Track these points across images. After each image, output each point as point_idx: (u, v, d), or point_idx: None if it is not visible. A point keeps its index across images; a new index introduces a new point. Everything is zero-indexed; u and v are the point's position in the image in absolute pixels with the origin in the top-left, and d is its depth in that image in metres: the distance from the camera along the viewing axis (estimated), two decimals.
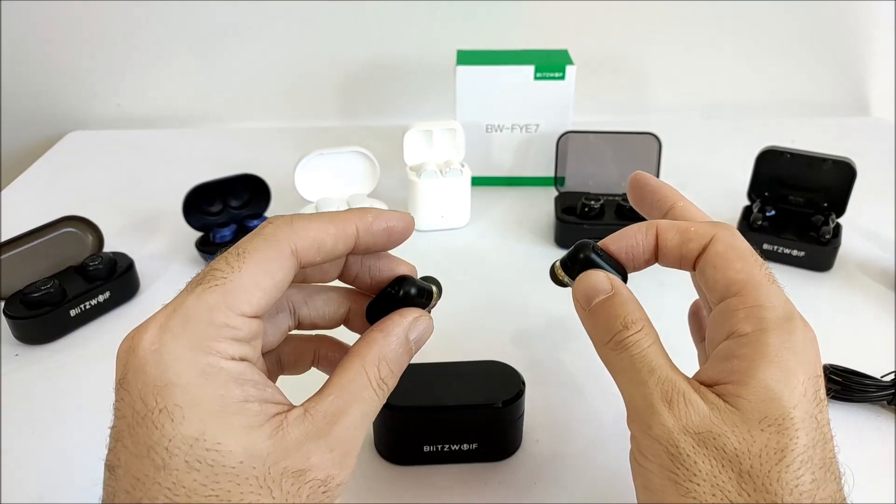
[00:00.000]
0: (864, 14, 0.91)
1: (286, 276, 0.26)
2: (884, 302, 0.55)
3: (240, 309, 0.24)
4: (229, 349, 0.24)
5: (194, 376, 0.23)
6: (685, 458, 0.25)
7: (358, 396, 0.26)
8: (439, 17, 0.89)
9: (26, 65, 0.89)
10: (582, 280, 0.30)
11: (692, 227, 0.30)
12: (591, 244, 0.32)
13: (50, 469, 0.41)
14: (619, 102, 0.96)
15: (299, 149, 0.68)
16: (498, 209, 0.71)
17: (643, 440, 0.26)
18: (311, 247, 0.26)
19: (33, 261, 0.54)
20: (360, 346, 0.28)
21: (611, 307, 0.29)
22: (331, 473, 0.24)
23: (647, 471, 0.26)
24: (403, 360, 0.29)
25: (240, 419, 0.23)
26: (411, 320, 0.29)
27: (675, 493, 0.25)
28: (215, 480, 0.22)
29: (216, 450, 0.22)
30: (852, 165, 0.59)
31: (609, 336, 0.29)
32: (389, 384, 0.28)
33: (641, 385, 0.27)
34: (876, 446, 0.42)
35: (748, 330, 0.27)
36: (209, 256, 0.60)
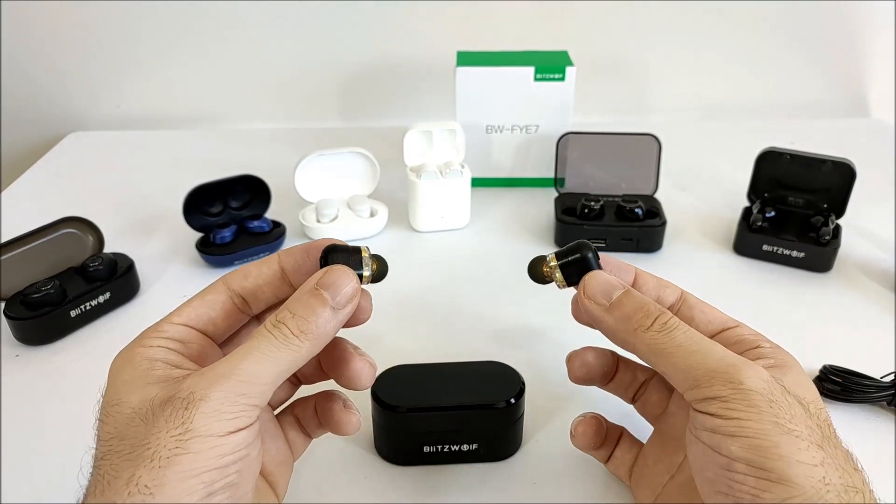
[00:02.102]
0: (864, 15, 0.92)
1: (217, 296, 0.32)
2: (883, 302, 0.55)
3: (168, 320, 0.31)
4: (150, 342, 0.29)
5: (120, 363, 0.29)
6: (783, 403, 0.27)
7: (250, 339, 0.28)
8: (439, 18, 0.89)
9: (26, 65, 0.89)
10: (594, 278, 0.32)
11: (663, 281, 0.34)
12: (591, 245, 0.33)
13: (50, 469, 0.41)
14: (619, 103, 0.96)
15: (299, 149, 0.68)
16: (498, 210, 0.71)
17: (735, 396, 0.27)
18: (238, 274, 0.33)
19: (34, 261, 0.54)
20: None
21: (635, 297, 0.31)
22: (193, 391, 0.26)
23: (745, 424, 0.26)
24: (309, 304, 0.29)
25: (142, 381, 0.28)
26: (320, 273, 0.30)
27: (780, 434, 0.26)
28: (115, 426, 0.26)
29: (118, 403, 0.27)
30: (852, 166, 0.59)
31: (650, 320, 0.30)
32: (291, 325, 0.28)
33: (710, 352, 0.29)
34: (876, 447, 0.42)
35: (767, 346, 0.31)
36: (209, 257, 0.60)
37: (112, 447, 0.26)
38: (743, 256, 0.62)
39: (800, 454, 0.25)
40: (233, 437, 0.26)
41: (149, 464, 0.24)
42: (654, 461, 0.35)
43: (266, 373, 0.27)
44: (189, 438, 0.25)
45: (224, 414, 0.26)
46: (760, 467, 0.25)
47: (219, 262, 0.60)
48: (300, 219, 0.65)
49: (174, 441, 0.25)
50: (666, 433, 0.35)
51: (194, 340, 0.31)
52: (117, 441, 0.26)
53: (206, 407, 0.25)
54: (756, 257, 0.61)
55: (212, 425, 0.25)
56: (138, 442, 0.25)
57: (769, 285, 0.58)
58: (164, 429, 0.25)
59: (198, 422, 0.25)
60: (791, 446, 0.25)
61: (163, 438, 0.25)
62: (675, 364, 0.29)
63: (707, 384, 0.27)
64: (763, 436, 0.26)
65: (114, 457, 0.26)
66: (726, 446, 0.26)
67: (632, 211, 0.62)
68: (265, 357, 0.27)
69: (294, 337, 0.28)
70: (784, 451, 0.25)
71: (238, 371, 0.27)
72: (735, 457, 0.26)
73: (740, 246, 0.62)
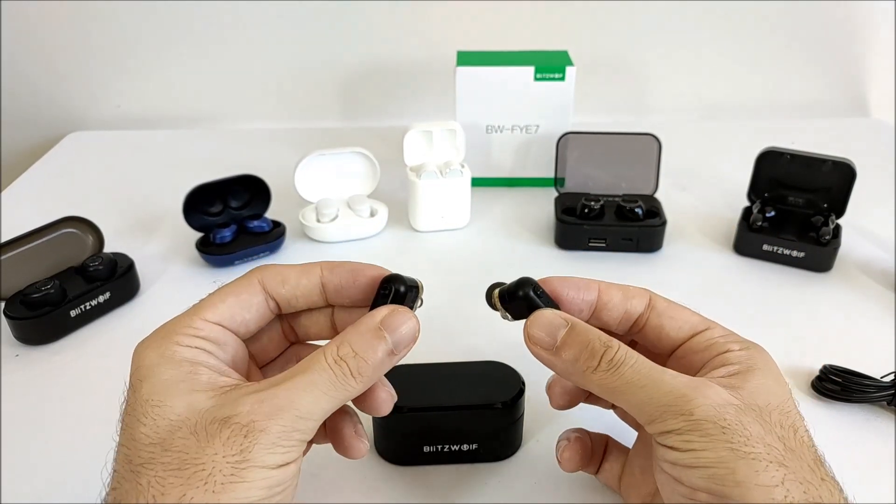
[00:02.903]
0: (864, 15, 0.91)
1: (253, 297, 0.32)
2: (883, 302, 0.55)
3: (203, 316, 0.30)
4: (187, 341, 0.29)
5: (155, 358, 0.28)
6: (736, 426, 0.26)
7: (309, 368, 0.28)
8: (439, 18, 0.89)
9: (26, 65, 0.89)
10: (535, 321, 0.32)
11: (630, 288, 0.34)
12: (532, 282, 0.33)
13: (50, 469, 0.41)
14: (618, 103, 0.96)
15: (299, 149, 0.68)
16: (498, 210, 0.71)
17: (687, 428, 0.27)
18: (276, 278, 0.32)
19: (33, 261, 0.54)
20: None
21: (578, 336, 0.30)
22: (254, 419, 0.26)
23: (700, 454, 0.26)
24: (371, 346, 0.29)
25: (186, 385, 0.27)
26: (385, 312, 0.30)
27: (736, 459, 0.26)
28: (156, 431, 0.26)
29: (159, 405, 0.27)
30: (852, 166, 0.59)
31: (596, 360, 0.29)
32: (351, 364, 0.28)
33: (659, 385, 0.28)
34: (876, 447, 0.42)
35: (737, 348, 0.31)
36: (209, 257, 0.60)
37: (155, 456, 0.26)
38: (743, 256, 0.62)
39: (757, 477, 0.25)
40: (283, 469, 0.26)
41: (202, 486, 0.25)
42: (640, 470, 0.34)
43: (321, 410, 0.28)
44: (245, 468, 0.25)
45: (279, 447, 0.26)
46: (720, 495, 0.25)
47: (219, 261, 0.60)
48: (300, 219, 0.65)
49: (230, 468, 0.25)
50: (649, 439, 0.34)
51: (229, 342, 0.31)
52: (161, 451, 0.26)
53: (265, 439, 0.26)
54: (756, 257, 0.61)
55: (267, 458, 0.26)
56: (190, 459, 0.25)
57: (769, 285, 0.58)
58: (220, 452, 0.25)
59: (256, 452, 0.25)
60: (748, 470, 0.25)
61: (219, 462, 0.25)
62: (629, 401, 0.29)
63: (660, 419, 0.28)
64: (719, 464, 0.26)
65: (158, 468, 0.25)
66: (687, 477, 0.27)
67: (632, 211, 0.62)
68: (323, 395, 0.28)
69: (351, 377, 0.28)
70: (741, 476, 0.25)
71: (297, 406, 0.27)
72: (696, 487, 0.26)
73: (740, 246, 0.62)
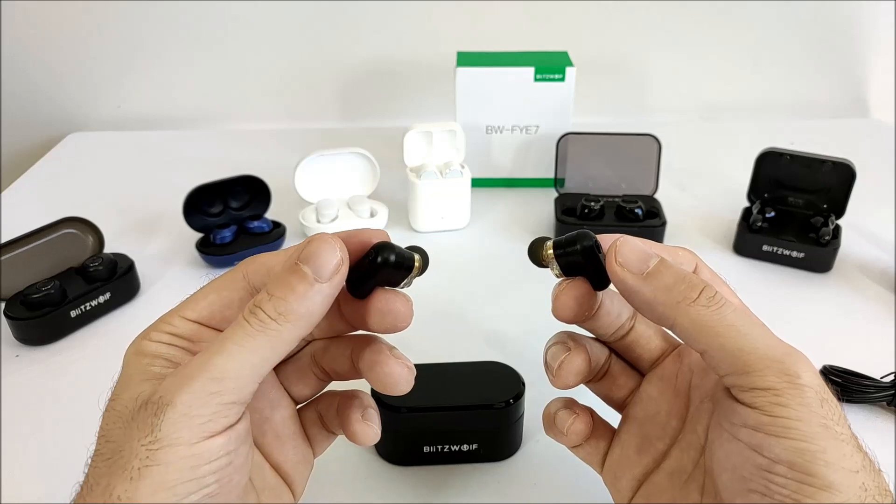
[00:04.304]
0: (864, 15, 0.92)
1: (235, 293, 0.29)
2: (883, 303, 0.55)
3: (181, 313, 0.29)
4: (157, 336, 0.28)
5: (129, 356, 0.28)
6: (832, 402, 0.25)
7: (226, 329, 0.26)
8: (439, 18, 0.89)
9: (26, 65, 0.89)
10: (627, 244, 0.28)
11: (679, 251, 0.31)
12: (593, 236, 0.30)
13: (50, 469, 0.41)
14: (618, 104, 0.96)
15: (299, 150, 0.68)
16: (498, 210, 0.71)
17: (788, 390, 0.24)
18: (260, 269, 0.29)
19: (34, 262, 0.54)
20: None
21: (674, 266, 0.28)
22: (163, 394, 0.24)
23: (792, 424, 0.24)
24: (288, 279, 0.26)
25: (140, 376, 0.26)
26: (302, 246, 0.27)
27: (828, 438, 0.24)
28: (107, 423, 0.25)
29: (115, 399, 0.26)
30: (852, 167, 0.59)
31: (695, 292, 0.27)
32: (268, 308, 0.25)
33: (765, 337, 0.26)
34: (876, 447, 0.41)
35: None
36: (209, 258, 0.60)
37: (98, 447, 0.25)
38: (743, 256, 0.62)
39: (844, 460, 0.24)
40: (208, 443, 0.24)
41: (122, 474, 0.23)
42: (635, 450, 0.32)
43: (242, 366, 0.25)
44: (158, 448, 0.23)
45: (195, 418, 0.24)
46: (805, 472, 0.24)
47: (219, 262, 0.60)
48: (300, 219, 0.65)
49: (144, 451, 0.23)
50: (644, 419, 0.32)
51: (205, 338, 0.29)
52: (103, 441, 0.25)
53: (173, 412, 0.23)
54: (756, 257, 0.61)
55: (181, 433, 0.23)
56: (116, 447, 0.24)
57: (769, 285, 0.58)
58: (136, 437, 0.24)
59: (166, 429, 0.23)
60: (837, 452, 0.24)
61: (135, 447, 0.23)
62: (723, 345, 0.26)
63: (759, 372, 0.25)
64: (811, 439, 0.24)
65: (98, 459, 0.25)
66: (769, 446, 0.24)
67: (632, 211, 0.62)
68: (239, 348, 0.25)
69: (272, 321, 0.25)
70: (830, 456, 0.24)
71: (208, 368, 0.24)
72: (778, 458, 0.24)
73: (740, 246, 0.62)
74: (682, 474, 0.30)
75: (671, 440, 0.31)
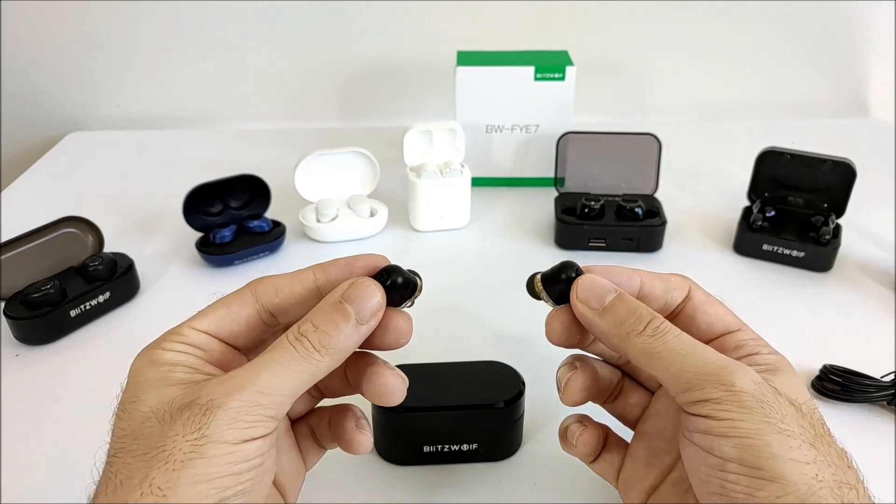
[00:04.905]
0: (864, 15, 0.92)
1: (243, 309, 0.31)
2: (883, 302, 0.55)
3: (190, 325, 0.31)
4: (170, 346, 0.30)
5: (141, 364, 0.29)
6: (774, 403, 0.27)
7: (271, 349, 0.28)
8: (439, 17, 0.89)
9: (26, 65, 0.89)
10: (585, 281, 0.32)
11: (671, 278, 0.34)
12: (575, 265, 0.33)
13: (50, 469, 0.41)
14: (619, 103, 0.96)
15: (299, 149, 0.68)
16: (498, 210, 0.71)
17: (727, 398, 0.27)
18: (269, 289, 0.32)
19: (33, 261, 0.54)
20: None
21: (627, 301, 0.31)
22: (212, 398, 0.26)
23: (737, 424, 0.26)
24: (331, 318, 0.29)
25: (161, 381, 0.28)
26: (346, 286, 0.30)
27: (772, 433, 0.26)
28: (130, 423, 0.27)
29: (134, 401, 0.28)
30: (852, 166, 0.59)
31: (643, 325, 0.30)
32: (312, 339, 0.28)
33: (702, 355, 0.28)
34: (876, 446, 0.42)
35: (766, 352, 0.31)
36: (209, 257, 0.60)
37: (125, 445, 0.26)
38: (743, 256, 0.62)
39: (792, 452, 0.25)
40: (247, 445, 0.26)
41: (163, 465, 0.25)
42: (644, 464, 0.34)
43: (285, 385, 0.28)
44: (204, 444, 0.25)
45: (240, 423, 0.26)
46: (753, 466, 0.25)
47: (219, 261, 0.60)
48: (300, 219, 0.65)
49: (189, 445, 0.25)
50: (652, 434, 0.34)
51: (216, 349, 0.31)
52: (131, 440, 0.26)
53: (222, 415, 0.26)
54: (756, 257, 0.61)
55: (227, 433, 0.26)
56: (154, 443, 0.25)
57: (769, 285, 0.58)
58: (180, 432, 0.25)
59: (214, 428, 0.25)
60: (783, 445, 0.25)
61: (179, 442, 0.25)
62: (667, 367, 0.29)
63: (699, 387, 0.28)
64: (755, 435, 0.26)
65: (126, 455, 0.26)
66: (718, 447, 0.26)
67: (632, 211, 0.62)
68: (285, 370, 0.28)
69: (315, 351, 0.28)
70: (776, 449, 0.25)
71: (257, 382, 0.27)
72: (727, 457, 0.26)
73: (740, 246, 0.62)
74: (684, 483, 0.31)
75: (677, 453, 0.32)
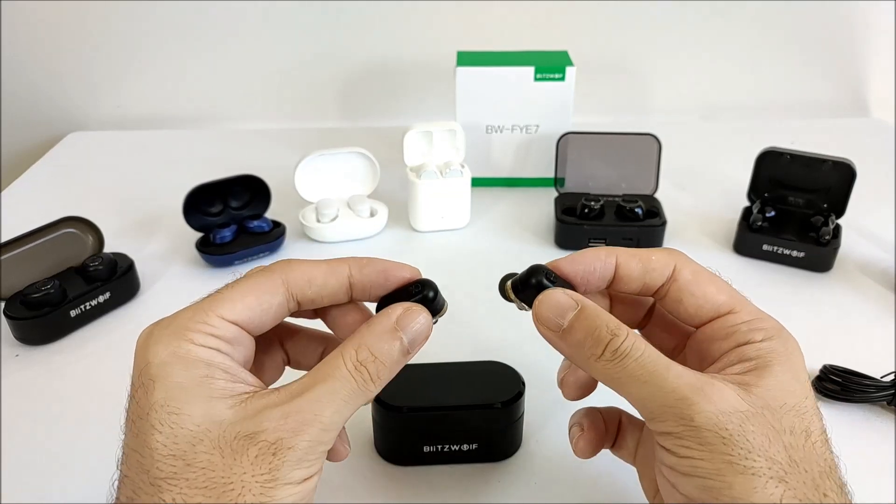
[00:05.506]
0: (864, 15, 0.92)
1: (274, 298, 0.30)
2: (883, 302, 0.55)
3: (219, 313, 0.28)
4: (202, 339, 0.27)
5: (167, 356, 0.27)
6: (738, 437, 0.25)
7: (329, 376, 0.27)
8: (439, 18, 0.89)
9: (26, 65, 0.89)
10: (543, 302, 0.30)
11: (653, 256, 0.31)
12: (543, 269, 0.31)
13: (50, 469, 0.41)
14: (619, 103, 0.96)
15: (299, 149, 0.68)
16: (498, 210, 0.71)
17: (686, 433, 0.26)
18: (302, 279, 0.30)
19: (33, 261, 0.54)
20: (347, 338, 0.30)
21: (586, 320, 0.29)
22: (281, 437, 0.26)
23: (697, 464, 0.26)
24: (389, 348, 0.28)
25: (202, 391, 0.26)
26: (400, 311, 0.29)
27: (734, 474, 0.25)
28: (174, 441, 0.25)
29: (177, 413, 0.26)
30: (852, 166, 0.59)
31: (600, 349, 0.28)
32: (371, 369, 0.28)
33: (662, 383, 0.27)
34: (876, 446, 0.42)
35: (759, 339, 0.29)
36: (209, 257, 0.60)
37: (178, 471, 0.25)
38: (743, 256, 0.62)
39: (755, 494, 0.25)
40: (307, 483, 0.27)
41: None
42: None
43: (343, 419, 0.28)
44: (274, 486, 0.25)
45: (304, 462, 0.26)
46: None
47: (219, 261, 0.60)
48: (300, 219, 0.65)
49: (259, 486, 0.25)
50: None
51: (244, 342, 0.29)
52: (183, 465, 0.25)
53: (293, 456, 0.26)
54: (756, 257, 0.61)
55: (295, 474, 0.26)
56: (217, 477, 0.25)
57: (769, 285, 0.58)
58: (249, 471, 0.25)
59: (284, 470, 0.26)
60: (745, 486, 0.25)
61: (248, 482, 0.25)
62: (630, 393, 0.28)
63: (660, 419, 0.27)
64: (716, 476, 0.25)
65: (183, 485, 0.25)
66: (682, 484, 0.26)
67: (632, 211, 0.62)
68: (345, 404, 0.27)
69: (371, 382, 0.28)
70: (737, 492, 0.25)
71: (321, 419, 0.27)
72: (690, 496, 0.26)
73: (740, 246, 0.62)
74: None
75: None
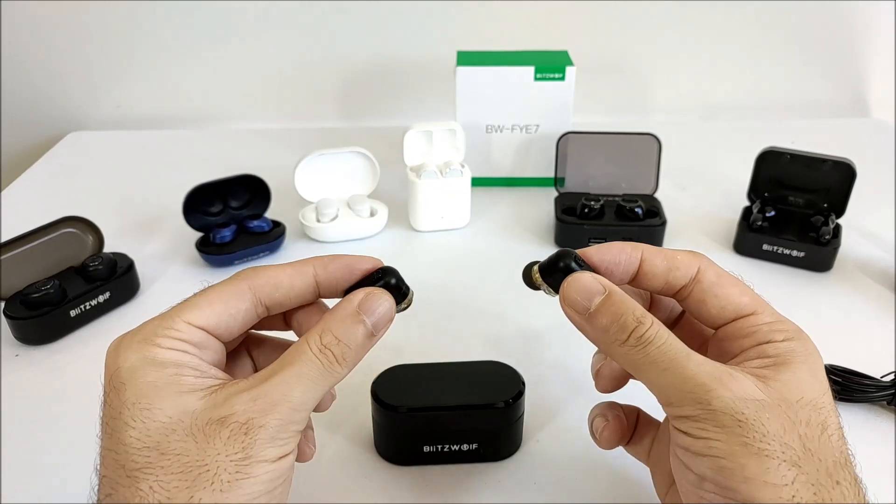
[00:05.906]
0: (864, 15, 0.92)
1: (241, 304, 0.31)
2: (883, 302, 0.55)
3: (186, 318, 0.29)
4: (169, 343, 0.28)
5: (137, 360, 0.28)
6: (754, 422, 0.26)
7: (296, 360, 0.28)
8: (439, 17, 0.89)
9: (26, 65, 0.89)
10: (571, 285, 0.30)
11: (678, 255, 0.32)
12: (573, 253, 0.31)
13: (50, 469, 0.41)
14: (619, 103, 0.96)
15: (299, 149, 0.68)
16: (498, 210, 0.71)
17: (703, 416, 0.27)
18: (268, 283, 0.31)
19: (33, 261, 0.54)
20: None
21: (613, 306, 0.29)
22: (252, 417, 0.27)
23: (713, 444, 0.26)
24: (353, 330, 0.29)
25: (172, 387, 0.27)
26: (362, 296, 0.30)
27: (748, 455, 0.25)
28: (147, 434, 0.26)
29: (148, 409, 0.27)
30: (852, 166, 0.59)
31: (626, 334, 0.29)
32: (335, 351, 0.29)
33: (682, 370, 0.28)
34: (876, 446, 0.42)
35: (779, 339, 0.30)
36: (209, 257, 0.60)
37: (152, 461, 0.26)
38: (743, 256, 0.62)
39: (768, 474, 0.25)
40: (282, 461, 0.27)
41: (209, 486, 0.25)
42: (668, 445, 0.34)
43: (311, 400, 0.29)
44: (248, 464, 0.26)
45: (277, 441, 0.27)
46: (727, 487, 0.26)
47: (219, 261, 0.60)
48: (300, 218, 0.65)
49: (234, 465, 0.26)
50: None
51: (211, 347, 0.30)
52: (157, 454, 0.26)
53: (264, 434, 0.27)
54: (756, 257, 0.61)
55: (268, 452, 0.27)
56: (191, 461, 0.26)
57: (769, 285, 0.57)
58: (223, 451, 0.26)
59: (257, 448, 0.26)
60: (759, 467, 0.25)
61: (223, 461, 0.26)
62: (650, 380, 0.29)
63: (678, 403, 0.28)
64: (730, 456, 0.26)
65: (159, 472, 0.25)
66: (696, 465, 0.27)
67: (632, 210, 0.62)
68: (313, 384, 0.28)
69: (337, 364, 0.29)
70: (750, 472, 0.25)
71: (290, 399, 0.28)
72: (704, 476, 0.26)
73: (740, 245, 0.62)
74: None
75: None
